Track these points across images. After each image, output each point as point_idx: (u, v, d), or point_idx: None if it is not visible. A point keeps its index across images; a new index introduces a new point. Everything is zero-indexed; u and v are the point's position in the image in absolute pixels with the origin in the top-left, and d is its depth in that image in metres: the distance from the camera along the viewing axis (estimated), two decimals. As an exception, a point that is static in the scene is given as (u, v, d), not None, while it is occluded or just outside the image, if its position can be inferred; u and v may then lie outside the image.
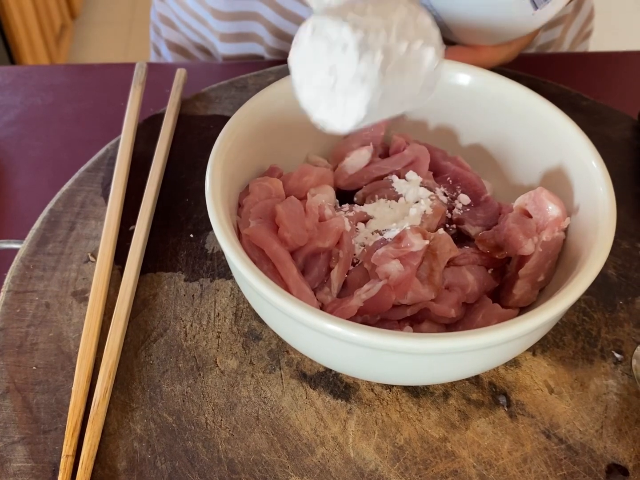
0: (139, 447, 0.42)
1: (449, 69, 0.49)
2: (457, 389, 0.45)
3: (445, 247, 0.43)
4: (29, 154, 0.63)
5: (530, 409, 0.44)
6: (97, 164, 0.56)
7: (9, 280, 0.49)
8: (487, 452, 0.42)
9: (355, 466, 0.41)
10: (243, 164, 0.46)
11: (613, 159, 0.57)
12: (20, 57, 1.67)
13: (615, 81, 0.70)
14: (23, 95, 0.68)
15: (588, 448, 0.42)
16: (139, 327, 0.47)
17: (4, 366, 0.45)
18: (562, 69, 0.70)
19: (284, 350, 0.46)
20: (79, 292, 0.48)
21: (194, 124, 0.60)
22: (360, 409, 0.44)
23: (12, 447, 0.42)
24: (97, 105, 0.67)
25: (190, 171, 0.56)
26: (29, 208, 0.58)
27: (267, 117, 0.48)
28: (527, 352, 0.46)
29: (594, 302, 0.49)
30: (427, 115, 0.52)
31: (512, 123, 0.49)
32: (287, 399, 0.44)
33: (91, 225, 0.52)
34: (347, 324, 0.36)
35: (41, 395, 0.44)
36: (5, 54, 1.65)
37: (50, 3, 1.87)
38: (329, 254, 0.44)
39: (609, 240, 0.41)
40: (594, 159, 0.44)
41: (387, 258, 0.42)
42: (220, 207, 0.41)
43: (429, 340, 0.36)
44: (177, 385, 0.44)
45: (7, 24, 1.60)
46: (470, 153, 0.51)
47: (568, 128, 0.46)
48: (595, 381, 0.45)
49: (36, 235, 0.51)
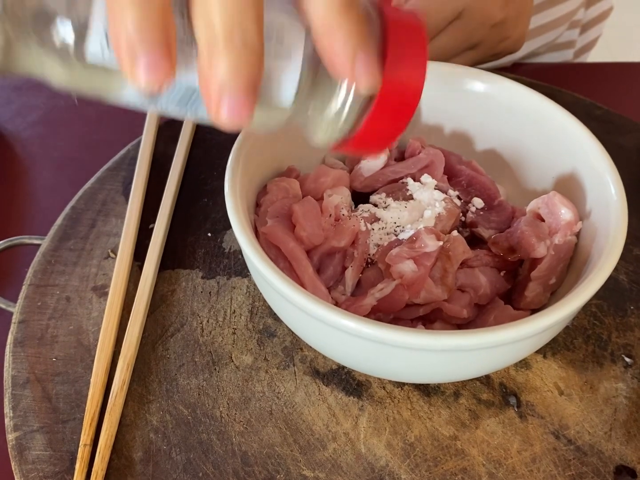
0: (155, 438, 0.43)
1: (465, 75, 0.50)
2: (467, 388, 0.45)
3: (458, 248, 0.44)
4: (51, 154, 0.65)
5: (540, 410, 0.44)
6: (119, 163, 0.58)
7: (31, 274, 0.50)
8: (497, 451, 0.43)
9: (366, 461, 0.42)
10: (261, 165, 0.47)
11: (626, 168, 0.58)
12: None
13: (630, 91, 0.71)
14: (46, 97, 0.70)
15: (597, 449, 0.43)
16: (157, 322, 0.48)
17: (25, 357, 0.46)
18: (577, 79, 0.71)
19: (297, 347, 0.47)
20: (99, 287, 0.50)
21: (213, 127, 0.61)
22: (372, 406, 0.44)
23: (32, 436, 0.43)
24: (117, 108, 0.68)
25: (209, 172, 0.57)
26: (51, 206, 0.60)
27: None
28: (538, 354, 0.47)
29: (605, 307, 0.49)
30: (443, 120, 0.53)
31: (526, 129, 0.50)
32: (300, 395, 0.45)
33: (112, 223, 0.53)
34: (361, 320, 0.37)
35: (60, 386, 0.45)
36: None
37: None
38: (344, 254, 0.45)
39: (620, 244, 0.41)
40: (606, 164, 0.45)
41: (401, 258, 0.42)
42: (239, 206, 0.42)
43: (442, 337, 0.37)
44: (193, 379, 0.45)
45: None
46: (485, 158, 0.52)
47: (581, 134, 0.46)
48: (605, 384, 0.46)
49: (58, 231, 0.53)
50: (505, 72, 0.60)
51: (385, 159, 0.50)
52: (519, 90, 0.49)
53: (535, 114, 0.49)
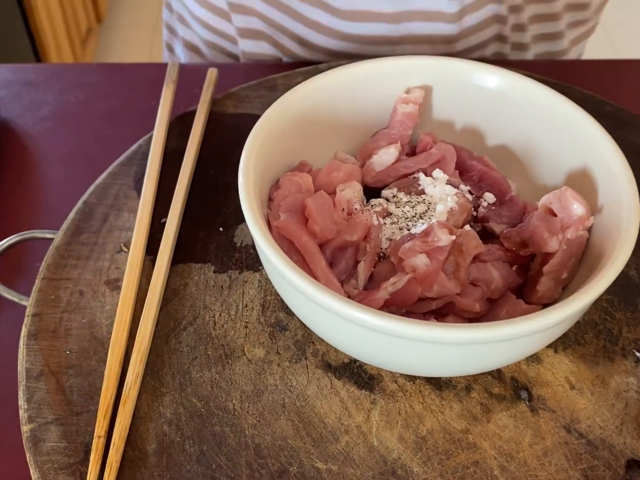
0: (169, 430, 0.43)
1: (476, 71, 0.51)
2: (479, 382, 0.45)
3: (471, 243, 0.44)
4: (62, 149, 0.65)
5: (551, 404, 0.45)
6: (130, 158, 0.58)
7: (44, 268, 0.50)
8: (508, 445, 0.43)
9: (378, 454, 0.42)
10: (274, 159, 0.48)
11: (636, 163, 0.58)
12: (47, 59, 1.71)
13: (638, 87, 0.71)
14: (56, 92, 0.70)
15: (608, 443, 0.43)
16: (170, 316, 0.48)
17: (39, 350, 0.46)
18: (587, 75, 0.71)
19: (309, 341, 0.47)
20: (112, 280, 0.50)
21: (224, 122, 0.61)
22: (384, 399, 0.45)
23: (46, 428, 0.43)
24: (127, 103, 0.69)
25: (220, 167, 0.58)
26: (62, 201, 0.60)
27: (297, 115, 0.49)
28: (549, 348, 0.47)
29: (615, 302, 0.49)
30: (454, 115, 0.53)
31: (538, 124, 0.50)
32: (312, 388, 0.45)
33: (124, 217, 0.54)
34: (374, 312, 0.37)
35: (74, 378, 0.45)
36: (32, 56, 1.68)
37: (77, 7, 1.91)
38: (356, 248, 0.45)
39: (632, 240, 0.41)
40: (618, 159, 0.45)
41: (414, 252, 0.43)
42: (252, 199, 0.42)
43: (455, 330, 0.37)
44: (206, 372, 0.45)
45: (35, 27, 1.63)
46: (496, 153, 0.52)
47: (593, 129, 0.47)
48: (615, 379, 0.46)
49: (71, 225, 0.53)
50: (515, 68, 0.60)
51: (396, 153, 0.50)
52: (530, 86, 0.50)
53: (547, 109, 0.49)
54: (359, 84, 0.51)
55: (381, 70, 0.51)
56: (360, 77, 0.51)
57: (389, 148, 0.50)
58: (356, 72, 0.51)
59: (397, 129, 0.51)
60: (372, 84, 0.52)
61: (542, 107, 0.49)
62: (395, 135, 0.51)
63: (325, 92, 0.50)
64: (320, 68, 0.66)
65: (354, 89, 0.51)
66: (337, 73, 0.51)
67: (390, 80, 0.52)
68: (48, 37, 1.68)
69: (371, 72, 0.51)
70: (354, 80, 0.51)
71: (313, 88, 0.50)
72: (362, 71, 0.51)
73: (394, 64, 0.51)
